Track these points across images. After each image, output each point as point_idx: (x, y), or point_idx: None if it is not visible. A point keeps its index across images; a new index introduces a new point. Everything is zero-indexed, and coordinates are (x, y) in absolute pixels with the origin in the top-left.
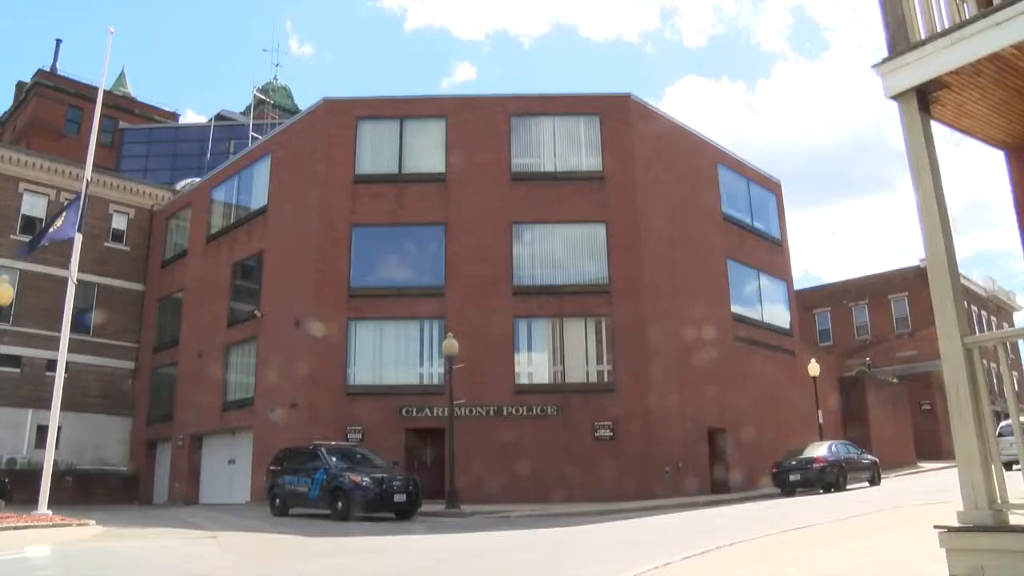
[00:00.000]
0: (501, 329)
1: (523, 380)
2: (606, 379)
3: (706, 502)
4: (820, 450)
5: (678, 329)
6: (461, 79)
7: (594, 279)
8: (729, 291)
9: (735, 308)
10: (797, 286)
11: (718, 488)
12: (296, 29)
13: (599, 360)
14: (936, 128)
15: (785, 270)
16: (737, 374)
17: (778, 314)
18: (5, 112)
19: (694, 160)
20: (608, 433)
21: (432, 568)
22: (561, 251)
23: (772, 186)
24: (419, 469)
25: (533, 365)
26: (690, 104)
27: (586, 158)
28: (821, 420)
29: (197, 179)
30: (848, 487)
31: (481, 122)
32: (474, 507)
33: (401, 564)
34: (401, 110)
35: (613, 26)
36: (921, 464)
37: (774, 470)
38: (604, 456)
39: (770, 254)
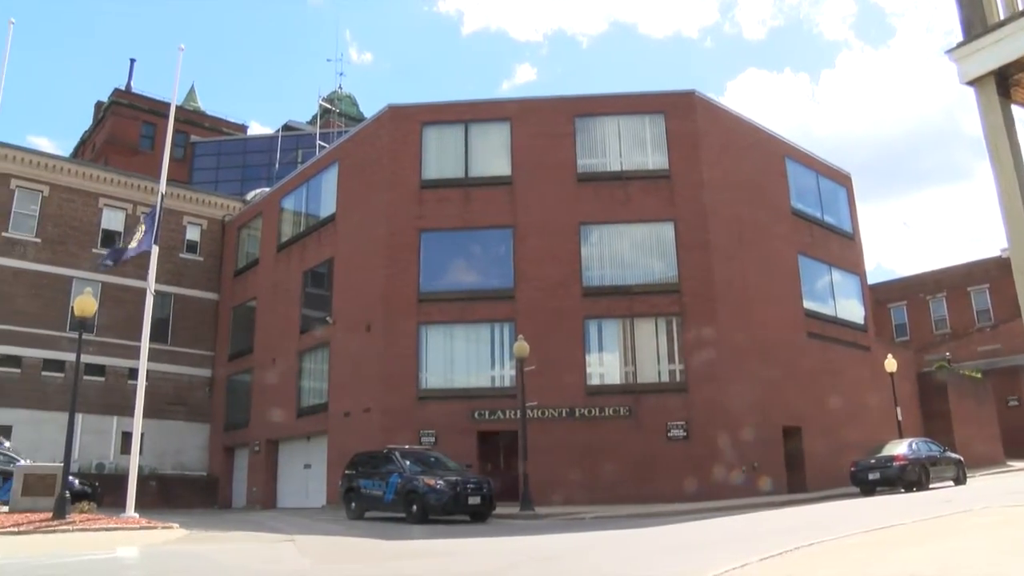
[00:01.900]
0: (571, 330)
1: (594, 381)
2: (678, 378)
3: (782, 502)
4: (900, 448)
5: (749, 326)
6: (521, 81)
7: (663, 278)
8: (801, 287)
9: (807, 304)
10: (870, 280)
11: (794, 487)
12: (355, 38)
13: (670, 359)
14: (1017, 112)
15: (858, 264)
16: (811, 371)
17: (852, 309)
18: (86, 131)
19: (761, 155)
20: (681, 433)
21: (506, 571)
22: (629, 251)
23: (842, 178)
24: (492, 472)
25: (604, 366)
26: (752, 97)
27: (652, 156)
28: (900, 417)
29: (267, 189)
30: (931, 486)
31: (545, 124)
32: (548, 509)
33: (475, 567)
34: (465, 114)
35: (671, 22)
36: (1011, 463)
37: (852, 469)
38: (677, 456)
39: (841, 248)
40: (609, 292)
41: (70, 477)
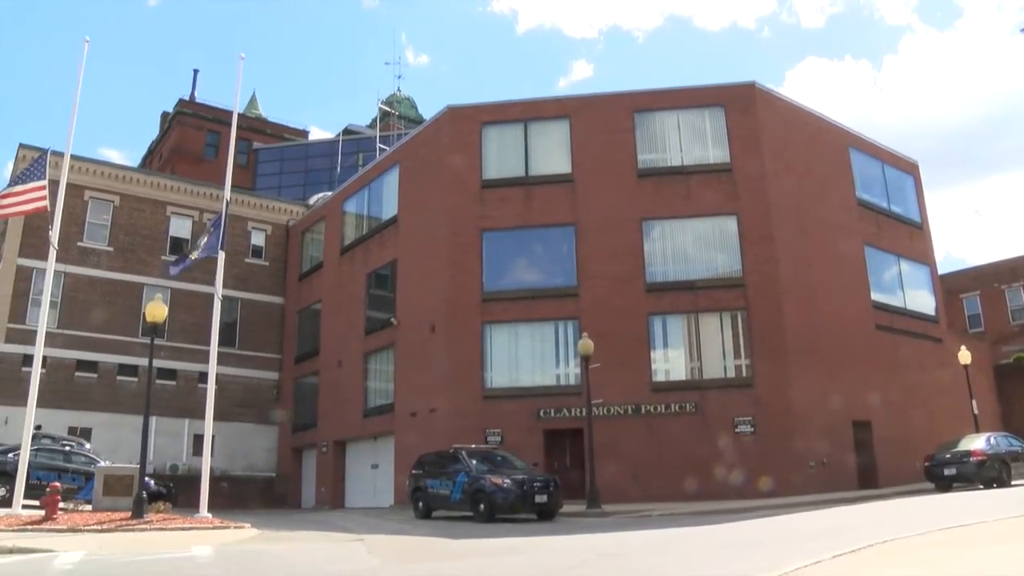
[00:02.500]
0: (635, 327)
1: (659, 378)
2: (744, 374)
3: (853, 498)
4: (977, 442)
5: (816, 320)
6: (578, 78)
7: (727, 273)
8: (868, 278)
9: (875, 296)
10: (940, 270)
11: (865, 483)
12: (411, 40)
13: (736, 355)
14: None
15: (927, 254)
16: (881, 364)
17: (922, 300)
18: (153, 141)
19: (824, 145)
20: (748, 428)
21: (574, 569)
22: (692, 246)
23: (908, 167)
24: (559, 470)
25: (669, 362)
26: (812, 87)
27: (712, 150)
28: (976, 410)
29: (329, 193)
30: (1013, 483)
31: (604, 120)
32: (615, 506)
33: (542, 565)
34: (524, 113)
35: (727, 14)
36: None
37: (927, 464)
38: (745, 452)
39: (910, 238)
40: (673, 288)
41: (146, 478)
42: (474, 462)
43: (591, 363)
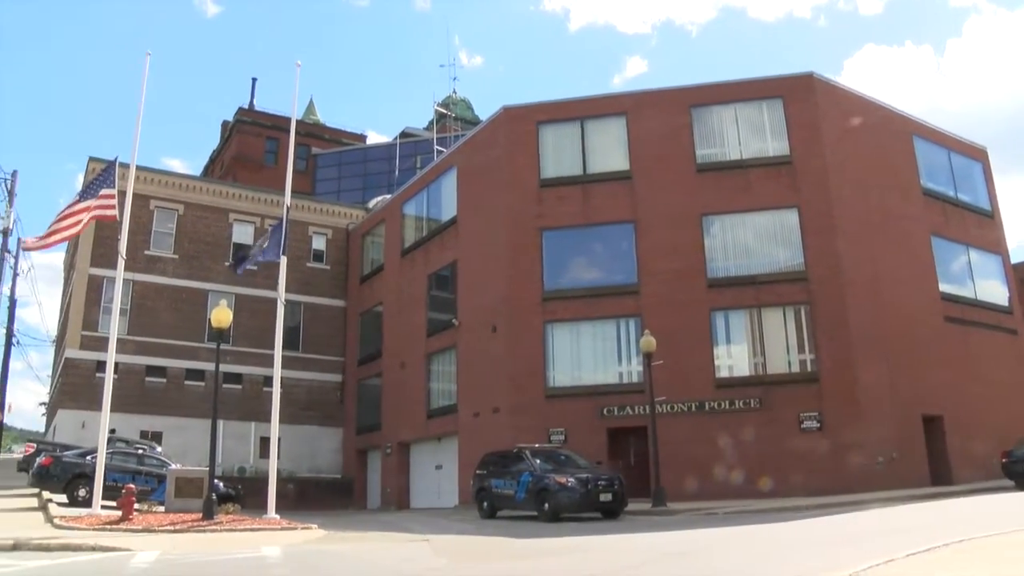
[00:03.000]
0: (698, 323)
1: (723, 374)
2: (809, 368)
3: (925, 495)
4: None
5: (882, 312)
6: (632, 74)
7: (789, 266)
8: (935, 269)
9: (943, 287)
10: (1014, 259)
11: (938, 480)
12: (465, 43)
13: (800, 349)
14: None
15: (999, 242)
16: (951, 356)
17: (993, 290)
18: (214, 150)
19: (886, 134)
20: (815, 424)
21: (640, 568)
22: (753, 240)
23: (976, 154)
24: (623, 468)
25: (733, 358)
26: (872, 75)
27: (771, 143)
28: None
29: (388, 196)
30: None
31: (661, 116)
32: (680, 504)
33: (607, 564)
34: (580, 111)
35: (782, 4)
36: None
37: (1004, 460)
38: (812, 448)
39: (979, 227)
40: (734, 282)
41: (215, 480)
42: (538, 461)
43: (654, 360)
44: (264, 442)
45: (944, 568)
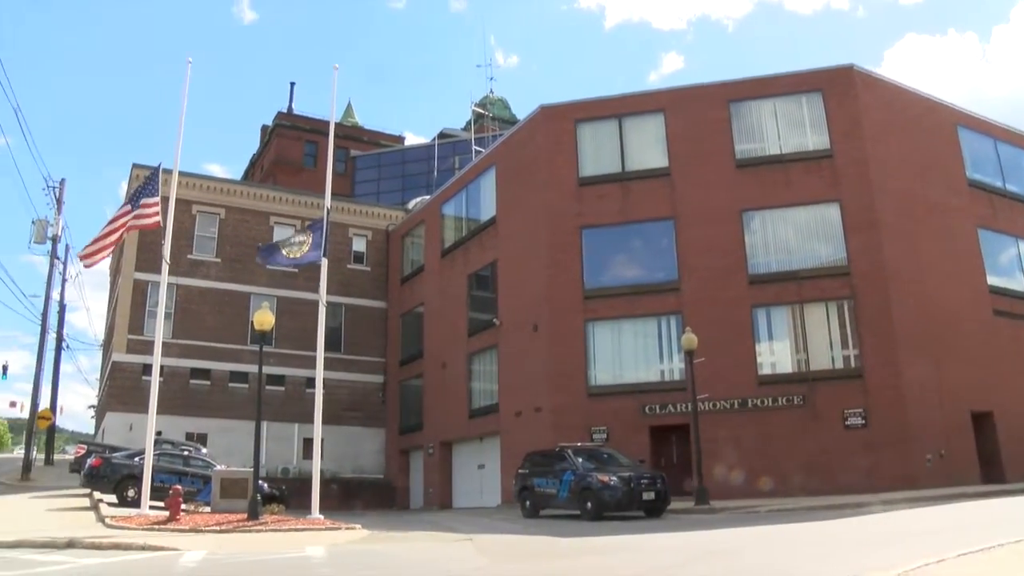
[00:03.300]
0: (739, 320)
1: (765, 371)
2: (853, 364)
3: (976, 493)
4: None
5: (928, 306)
6: (668, 70)
7: (831, 261)
8: (983, 262)
9: (992, 280)
10: None
11: (990, 478)
12: (500, 42)
13: (844, 345)
14: None
15: None
16: (1001, 351)
17: None
18: (254, 154)
19: (930, 125)
20: (860, 421)
21: (683, 566)
22: (794, 235)
23: None
24: (665, 466)
25: (775, 355)
26: (913, 65)
27: (811, 137)
28: None
29: (427, 197)
30: None
31: (699, 112)
32: (723, 503)
33: (651, 563)
34: (617, 108)
35: None
36: None
37: None
38: (857, 445)
39: None
40: (776, 279)
41: (259, 481)
42: (580, 460)
43: (695, 357)
44: (307, 443)
45: (999, 568)
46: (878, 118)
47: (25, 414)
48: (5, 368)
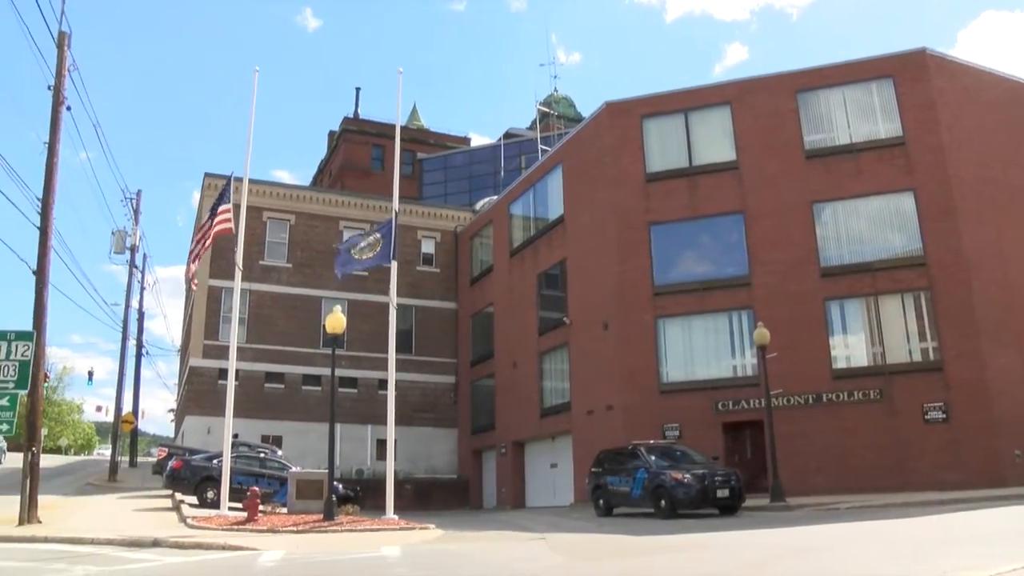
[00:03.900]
0: (812, 313)
1: (840, 364)
2: (932, 357)
3: None
4: None
5: (1012, 295)
6: (732, 62)
7: (906, 251)
8: None
9: None
10: None
11: None
12: (561, 40)
13: (922, 337)
14: None
15: None
16: None
17: None
18: (322, 160)
19: (1010, 106)
20: (940, 415)
21: (759, 566)
22: (867, 226)
23: None
24: (739, 463)
25: (849, 348)
26: (990, 44)
27: (883, 124)
28: None
29: (494, 197)
30: None
31: (766, 103)
32: (799, 500)
33: (727, 561)
34: (683, 103)
35: None
36: None
37: None
38: (938, 440)
39: None
40: (849, 271)
41: (334, 482)
42: (653, 458)
43: (768, 352)
44: (380, 444)
45: None
46: (953, 102)
47: (110, 418)
48: (91, 374)
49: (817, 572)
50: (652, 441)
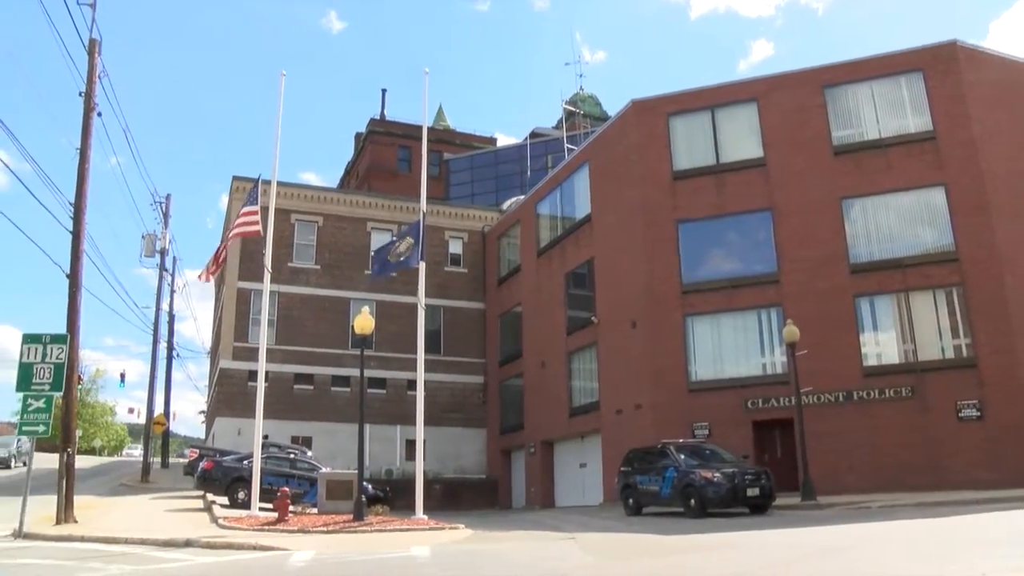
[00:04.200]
0: (842, 310)
1: (871, 362)
2: (965, 354)
3: None
4: None
5: None
6: (758, 58)
7: (937, 247)
8: None
9: None
10: None
11: None
12: (585, 39)
13: (955, 334)
14: None
15: None
16: None
17: None
18: (349, 162)
19: None
20: (974, 413)
21: (790, 565)
22: (897, 222)
23: None
24: (769, 462)
25: (880, 345)
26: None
27: (912, 119)
28: None
29: (521, 197)
30: None
31: (793, 99)
32: (830, 498)
33: (757, 560)
34: (709, 100)
35: None
36: None
37: None
38: (972, 438)
39: None
40: (879, 267)
41: (364, 483)
42: (683, 457)
43: (798, 350)
44: (410, 444)
45: None
46: (985, 95)
47: (142, 420)
48: (123, 376)
49: (849, 572)
50: (681, 440)
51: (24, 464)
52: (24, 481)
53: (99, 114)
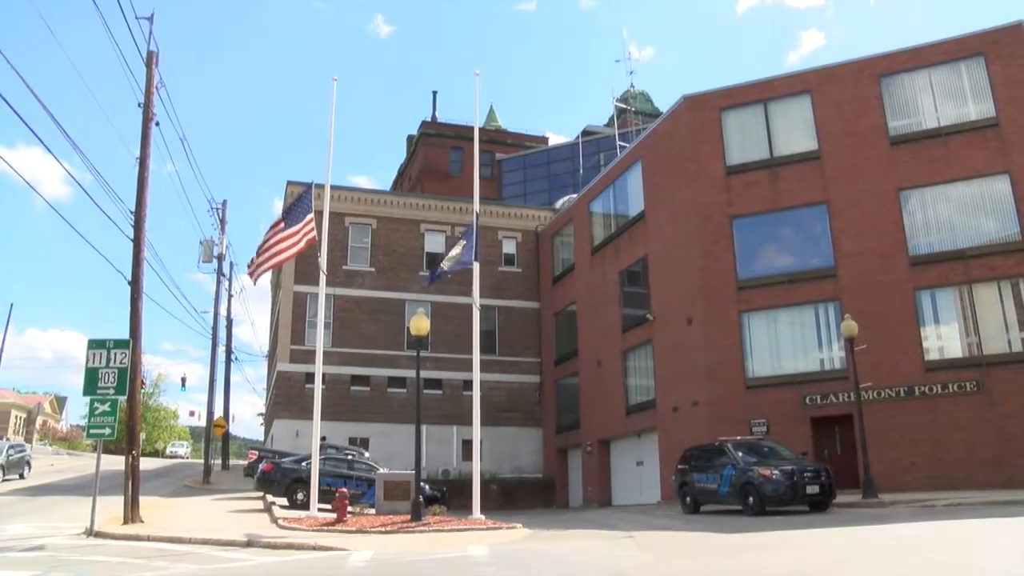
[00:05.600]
0: (902, 304)
1: (932, 356)
2: None
3: None
4: None
5: None
6: (809, 49)
7: (1002, 237)
8: None
9: None
10: None
11: None
12: (633, 36)
13: (1021, 326)
14: None
15: None
16: None
17: None
18: (401, 164)
19: None
20: None
21: (852, 563)
22: (957, 212)
23: None
24: (829, 459)
25: (942, 339)
26: None
27: (973, 106)
28: None
29: (574, 195)
30: None
31: (848, 90)
32: (892, 496)
33: (818, 558)
34: (761, 93)
35: None
36: None
37: None
38: None
39: None
40: (940, 259)
41: (421, 483)
42: (740, 454)
43: (856, 345)
44: (466, 444)
45: None
46: None
47: (202, 422)
48: (184, 380)
49: (913, 571)
50: (739, 437)
51: (20, 476)
52: (93, 482)
53: (157, 124)
